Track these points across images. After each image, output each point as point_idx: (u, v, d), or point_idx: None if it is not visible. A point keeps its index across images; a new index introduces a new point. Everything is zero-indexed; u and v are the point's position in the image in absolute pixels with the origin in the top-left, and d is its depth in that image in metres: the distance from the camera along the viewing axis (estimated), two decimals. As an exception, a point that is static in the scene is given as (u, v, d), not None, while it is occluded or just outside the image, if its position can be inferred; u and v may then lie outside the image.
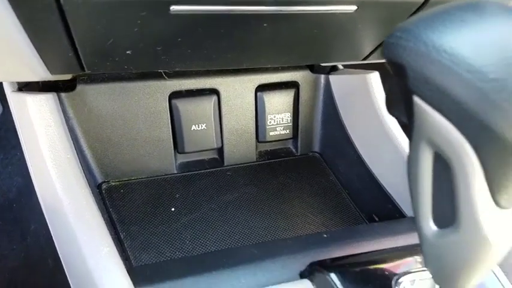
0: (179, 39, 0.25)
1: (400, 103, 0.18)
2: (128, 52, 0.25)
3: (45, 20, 0.21)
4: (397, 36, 0.17)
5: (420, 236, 0.21)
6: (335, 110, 0.40)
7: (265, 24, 0.25)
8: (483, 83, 0.15)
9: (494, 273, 0.28)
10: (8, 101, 0.32)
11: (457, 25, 0.15)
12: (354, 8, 0.24)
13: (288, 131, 0.40)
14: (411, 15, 0.26)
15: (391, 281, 0.25)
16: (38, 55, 0.23)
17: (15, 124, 0.31)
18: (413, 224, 0.21)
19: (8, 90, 0.30)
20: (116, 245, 0.25)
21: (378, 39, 0.30)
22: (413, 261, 0.26)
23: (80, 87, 0.31)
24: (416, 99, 0.17)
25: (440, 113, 0.16)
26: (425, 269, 0.23)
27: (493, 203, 0.17)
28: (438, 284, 0.22)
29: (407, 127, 0.19)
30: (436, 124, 0.16)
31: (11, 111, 0.32)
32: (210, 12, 0.22)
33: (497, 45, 0.15)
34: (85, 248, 0.24)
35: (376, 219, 0.36)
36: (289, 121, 0.40)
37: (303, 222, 0.34)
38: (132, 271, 0.24)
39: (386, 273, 0.25)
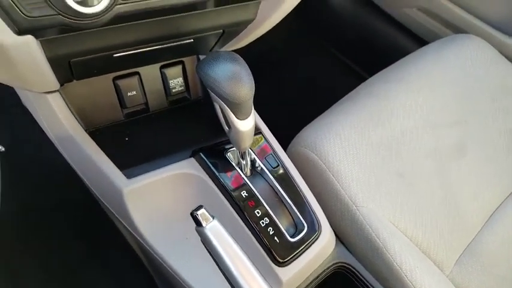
0: (118, 62, 0.55)
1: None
2: (94, 71, 0.55)
3: (62, 67, 0.50)
4: (197, 68, 0.49)
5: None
6: None
7: (155, 47, 0.56)
8: (219, 83, 0.47)
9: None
10: (25, 97, 0.60)
11: (210, 65, 0.47)
12: (191, 40, 0.56)
13: (182, 87, 0.70)
14: (218, 39, 0.59)
15: (223, 152, 0.61)
16: (56, 79, 0.52)
17: (34, 110, 0.60)
18: None
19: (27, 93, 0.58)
20: None
21: (211, 44, 0.62)
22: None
23: (66, 84, 0.60)
24: (208, 89, 0.50)
25: (214, 94, 0.49)
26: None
27: (237, 119, 0.52)
28: (237, 149, 0.58)
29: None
30: (215, 97, 0.50)
31: (30, 103, 0.60)
32: (129, 54, 0.53)
33: (221, 71, 0.47)
34: (96, 159, 0.56)
35: None
36: (182, 82, 0.71)
37: (196, 130, 0.67)
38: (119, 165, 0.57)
39: (222, 149, 0.61)
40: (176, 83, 0.69)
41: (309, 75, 1.35)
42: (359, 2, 1.29)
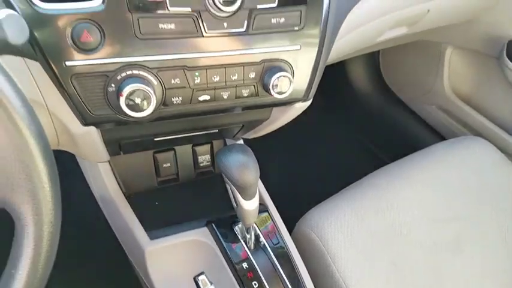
0: (158, 143, 0.69)
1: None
2: (139, 149, 0.69)
3: (114, 145, 0.65)
4: (216, 157, 0.61)
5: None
6: None
7: (188, 134, 0.69)
8: (230, 170, 0.59)
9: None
10: (82, 162, 0.76)
11: (225, 155, 0.59)
12: (217, 130, 0.70)
13: (209, 163, 0.84)
14: (239, 129, 0.72)
15: (232, 225, 0.71)
16: (107, 153, 0.67)
17: (87, 173, 0.75)
18: None
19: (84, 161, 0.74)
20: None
21: (234, 132, 0.76)
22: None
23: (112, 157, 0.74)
24: (224, 176, 0.62)
25: (226, 177, 0.61)
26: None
27: (243, 200, 0.63)
28: (243, 224, 0.68)
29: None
30: (226, 180, 0.61)
31: (84, 165, 0.76)
32: (167, 139, 0.67)
33: (232, 160, 0.59)
34: (128, 220, 0.69)
35: None
36: (209, 159, 0.84)
37: (214, 201, 0.79)
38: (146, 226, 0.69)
39: (231, 222, 0.71)
40: (204, 158, 0.82)
41: (332, 155, 1.45)
42: (384, 96, 1.41)
